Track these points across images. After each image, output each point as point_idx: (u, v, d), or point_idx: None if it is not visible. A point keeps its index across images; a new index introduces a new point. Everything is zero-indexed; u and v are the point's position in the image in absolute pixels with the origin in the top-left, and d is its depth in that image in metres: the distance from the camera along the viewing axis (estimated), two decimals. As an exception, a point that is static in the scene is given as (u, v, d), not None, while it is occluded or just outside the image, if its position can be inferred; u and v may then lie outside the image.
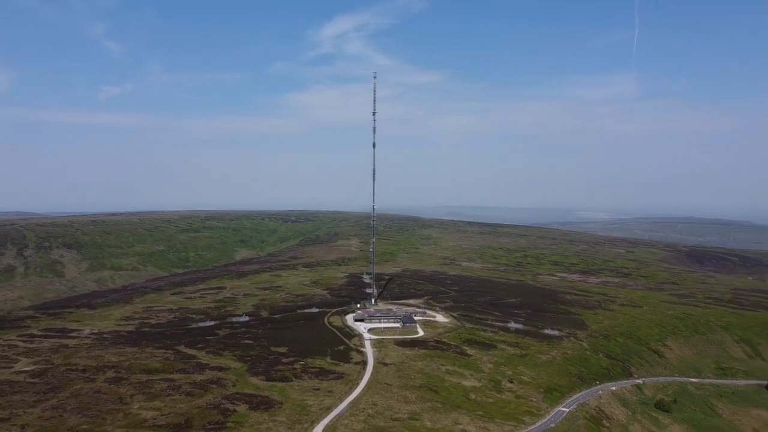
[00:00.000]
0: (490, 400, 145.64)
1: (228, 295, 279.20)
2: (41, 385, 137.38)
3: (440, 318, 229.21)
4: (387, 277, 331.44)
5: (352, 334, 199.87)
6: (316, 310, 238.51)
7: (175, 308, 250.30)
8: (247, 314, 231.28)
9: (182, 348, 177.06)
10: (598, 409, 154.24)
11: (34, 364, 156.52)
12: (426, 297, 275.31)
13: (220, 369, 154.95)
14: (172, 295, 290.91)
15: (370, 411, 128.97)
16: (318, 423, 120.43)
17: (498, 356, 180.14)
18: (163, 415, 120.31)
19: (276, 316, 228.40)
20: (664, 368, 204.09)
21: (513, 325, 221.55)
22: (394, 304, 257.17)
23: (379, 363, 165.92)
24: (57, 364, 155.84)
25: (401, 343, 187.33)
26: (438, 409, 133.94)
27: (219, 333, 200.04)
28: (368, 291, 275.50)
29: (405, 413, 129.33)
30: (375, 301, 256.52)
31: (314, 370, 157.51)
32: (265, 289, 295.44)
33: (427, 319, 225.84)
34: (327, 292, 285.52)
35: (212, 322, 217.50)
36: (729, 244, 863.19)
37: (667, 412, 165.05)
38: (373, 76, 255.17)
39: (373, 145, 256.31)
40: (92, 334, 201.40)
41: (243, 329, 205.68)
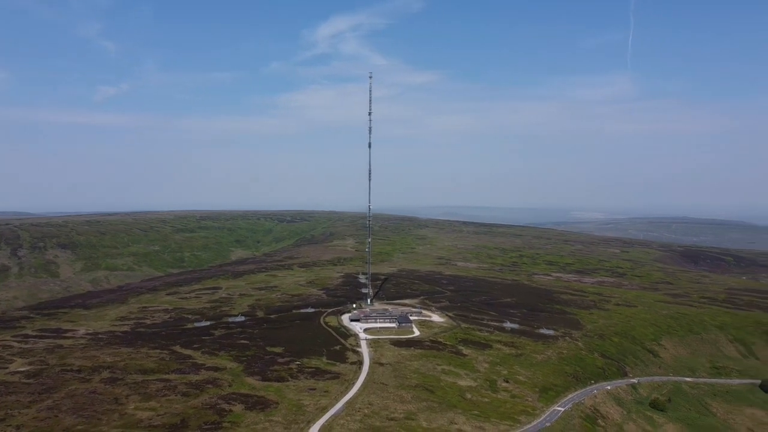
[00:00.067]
0: (486, 399, 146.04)
1: (223, 296, 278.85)
2: (36, 385, 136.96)
3: (436, 318, 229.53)
4: (383, 277, 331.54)
5: (347, 334, 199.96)
6: (312, 310, 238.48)
7: (170, 308, 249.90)
8: (242, 314, 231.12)
9: (178, 348, 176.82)
10: (593, 408, 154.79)
11: (29, 364, 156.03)
12: (422, 297, 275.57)
13: (215, 369, 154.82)
14: (167, 295, 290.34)
15: (366, 411, 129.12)
16: (314, 423, 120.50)
17: (493, 356, 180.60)
18: (158, 415, 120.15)
19: (272, 316, 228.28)
20: (659, 367, 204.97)
21: (508, 324, 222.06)
22: (390, 304, 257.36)
23: (375, 363, 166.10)
24: (52, 364, 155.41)
25: (397, 343, 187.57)
26: (434, 408, 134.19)
27: (215, 333, 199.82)
28: (364, 291, 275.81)
29: (401, 413, 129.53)
30: (371, 301, 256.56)
31: (310, 370, 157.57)
32: (260, 289, 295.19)
33: (423, 319, 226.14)
34: (323, 292, 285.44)
35: (208, 323, 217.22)
36: (723, 244, 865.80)
37: (662, 411, 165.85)
38: (369, 76, 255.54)
39: (369, 145, 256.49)
40: (87, 334, 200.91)
41: (239, 329, 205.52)
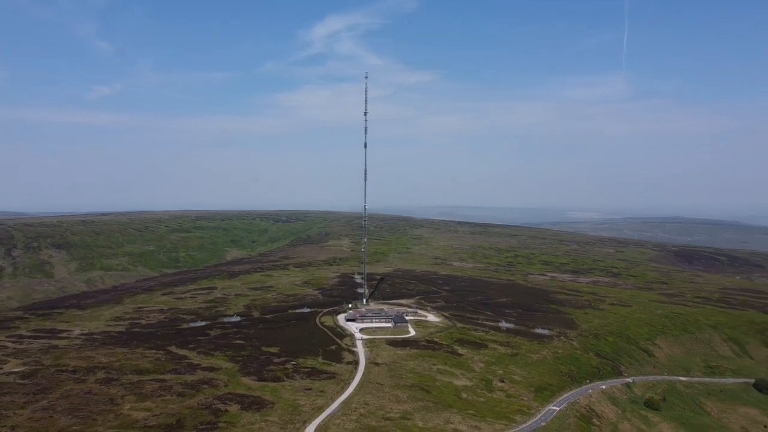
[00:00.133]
0: (482, 399, 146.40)
1: (219, 296, 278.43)
2: (31, 386, 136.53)
3: (432, 318, 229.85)
4: (378, 277, 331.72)
5: (343, 334, 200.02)
6: (308, 310, 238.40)
7: (165, 308, 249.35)
8: (238, 314, 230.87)
9: (173, 348, 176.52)
10: (588, 407, 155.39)
11: (24, 365, 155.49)
12: (417, 297, 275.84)
13: (211, 369, 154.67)
14: (162, 295, 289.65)
15: (362, 410, 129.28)
16: (310, 423, 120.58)
17: (489, 355, 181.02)
18: (154, 415, 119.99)
19: (267, 316, 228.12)
20: (654, 367, 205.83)
21: (504, 324, 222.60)
22: (386, 303, 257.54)
23: (371, 363, 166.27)
24: (47, 365, 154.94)
25: (393, 343, 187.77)
26: (429, 408, 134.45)
27: (210, 333, 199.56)
28: (360, 291, 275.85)
29: (397, 413, 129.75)
30: (366, 301, 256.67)
31: (306, 370, 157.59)
32: (256, 289, 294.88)
33: (419, 318, 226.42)
34: (318, 292, 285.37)
35: (203, 323, 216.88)
36: (717, 243, 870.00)
37: (657, 410, 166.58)
38: (365, 76, 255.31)
39: (365, 145, 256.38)
40: (82, 334, 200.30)
41: (234, 329, 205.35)
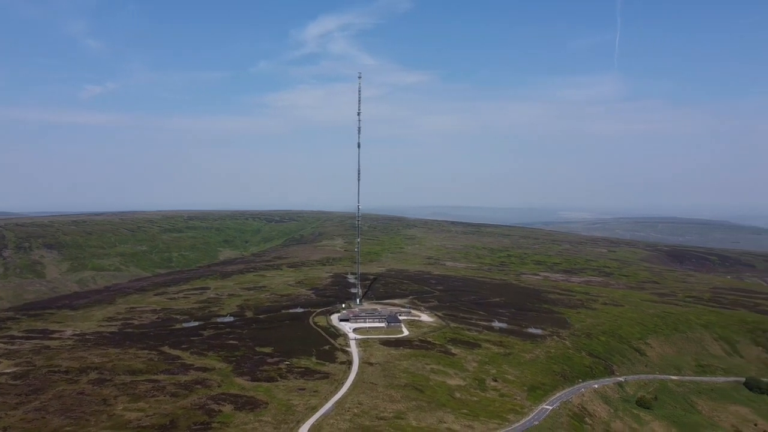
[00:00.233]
0: (475, 398, 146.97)
1: (212, 296, 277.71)
2: (23, 386, 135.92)
3: (425, 317, 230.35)
4: (372, 277, 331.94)
5: (337, 333, 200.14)
6: (301, 310, 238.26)
7: (158, 309, 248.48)
8: (231, 314, 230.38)
9: (166, 349, 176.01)
10: (580, 406, 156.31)
11: (16, 365, 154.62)
12: (411, 297, 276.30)
13: (204, 369, 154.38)
14: (155, 295, 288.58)
15: (355, 410, 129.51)
16: (304, 423, 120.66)
17: (482, 355, 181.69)
18: (147, 416, 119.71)
19: (261, 317, 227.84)
20: (646, 366, 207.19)
21: (497, 324, 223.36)
22: (379, 303, 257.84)
23: (365, 362, 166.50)
24: (39, 365, 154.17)
25: (386, 343, 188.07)
26: (423, 407, 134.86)
27: (203, 333, 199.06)
28: (353, 291, 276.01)
29: (390, 412, 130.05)
30: (360, 300, 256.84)
31: (300, 370, 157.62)
32: (249, 289, 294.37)
33: (412, 318, 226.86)
34: (312, 292, 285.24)
35: (196, 323, 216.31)
36: (708, 243, 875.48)
37: (648, 409, 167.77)
38: (358, 76, 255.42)
39: (358, 146, 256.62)
40: (74, 335, 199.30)
41: (228, 330, 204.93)
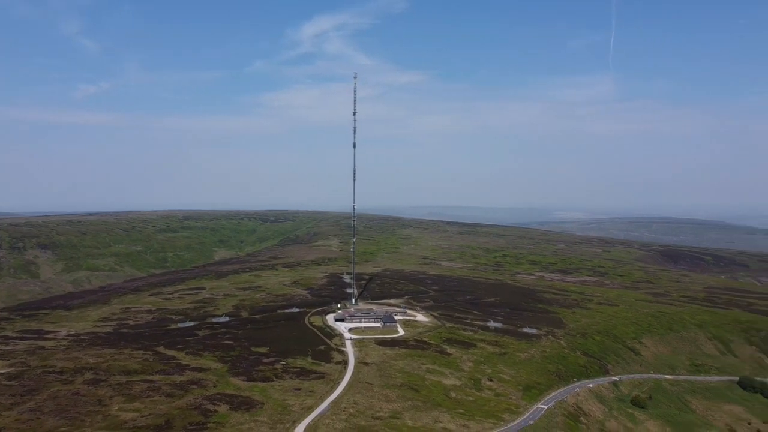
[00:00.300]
0: (470, 398, 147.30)
1: (207, 296, 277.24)
2: (18, 387, 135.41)
3: (420, 317, 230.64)
4: (367, 277, 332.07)
5: (332, 333, 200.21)
6: (297, 310, 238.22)
7: (153, 309, 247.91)
8: (227, 315, 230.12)
9: (162, 349, 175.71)
10: (575, 406, 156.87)
11: (10, 366, 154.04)
12: (406, 296, 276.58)
13: (200, 370, 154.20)
14: (150, 295, 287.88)
15: (351, 410, 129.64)
16: (299, 423, 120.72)
17: (478, 355, 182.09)
18: (143, 416, 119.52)
19: (256, 317, 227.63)
20: (640, 365, 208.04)
21: (492, 324, 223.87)
22: (375, 303, 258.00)
23: (360, 362, 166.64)
24: (33, 366, 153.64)
25: (382, 343, 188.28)
26: (419, 407, 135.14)
27: (199, 334, 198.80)
28: (349, 291, 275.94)
29: (386, 412, 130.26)
30: (355, 300, 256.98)
31: (295, 370, 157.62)
32: (244, 289, 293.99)
33: (408, 318, 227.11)
34: (307, 292, 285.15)
35: (192, 323, 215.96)
36: (703, 243, 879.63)
37: (643, 408, 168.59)
38: (354, 76, 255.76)
39: (354, 145, 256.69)
40: (69, 335, 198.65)
41: (223, 330, 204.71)
